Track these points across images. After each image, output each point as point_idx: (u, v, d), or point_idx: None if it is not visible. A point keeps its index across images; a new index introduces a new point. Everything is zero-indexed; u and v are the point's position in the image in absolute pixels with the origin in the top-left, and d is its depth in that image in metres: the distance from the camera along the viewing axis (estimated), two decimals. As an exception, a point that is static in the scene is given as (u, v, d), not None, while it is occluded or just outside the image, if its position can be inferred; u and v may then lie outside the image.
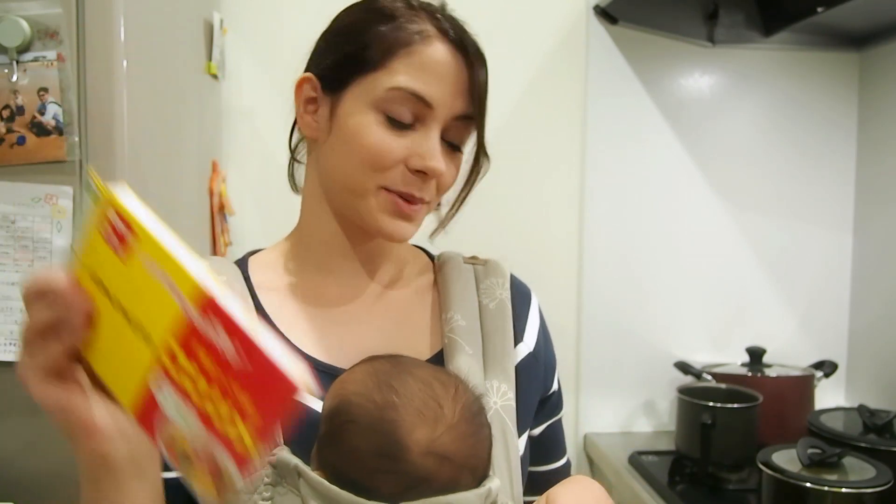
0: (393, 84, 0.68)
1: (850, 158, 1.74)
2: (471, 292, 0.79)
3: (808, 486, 1.10)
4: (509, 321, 0.78)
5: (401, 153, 0.68)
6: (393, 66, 0.68)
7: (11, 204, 1.00)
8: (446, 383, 0.63)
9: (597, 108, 1.65)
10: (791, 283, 1.75)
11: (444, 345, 0.74)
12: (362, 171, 0.69)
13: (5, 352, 0.99)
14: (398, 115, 0.68)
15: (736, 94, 1.71)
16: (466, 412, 0.61)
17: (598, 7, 1.61)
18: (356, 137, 0.69)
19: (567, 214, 1.68)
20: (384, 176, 0.69)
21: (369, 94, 0.69)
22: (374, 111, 0.68)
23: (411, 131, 0.69)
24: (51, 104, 0.98)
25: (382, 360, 0.66)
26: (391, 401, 0.59)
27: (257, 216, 1.59)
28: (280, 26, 1.56)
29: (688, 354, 1.69)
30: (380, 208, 0.70)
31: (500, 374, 0.73)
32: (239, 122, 1.57)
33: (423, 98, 0.68)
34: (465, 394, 0.63)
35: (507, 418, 0.71)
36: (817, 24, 1.54)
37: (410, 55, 0.68)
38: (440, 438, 0.59)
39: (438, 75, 0.69)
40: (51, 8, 0.98)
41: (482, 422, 0.64)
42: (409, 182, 0.69)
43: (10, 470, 1.01)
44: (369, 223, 0.71)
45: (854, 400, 1.67)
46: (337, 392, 0.63)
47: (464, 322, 0.75)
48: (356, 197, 0.70)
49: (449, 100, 0.69)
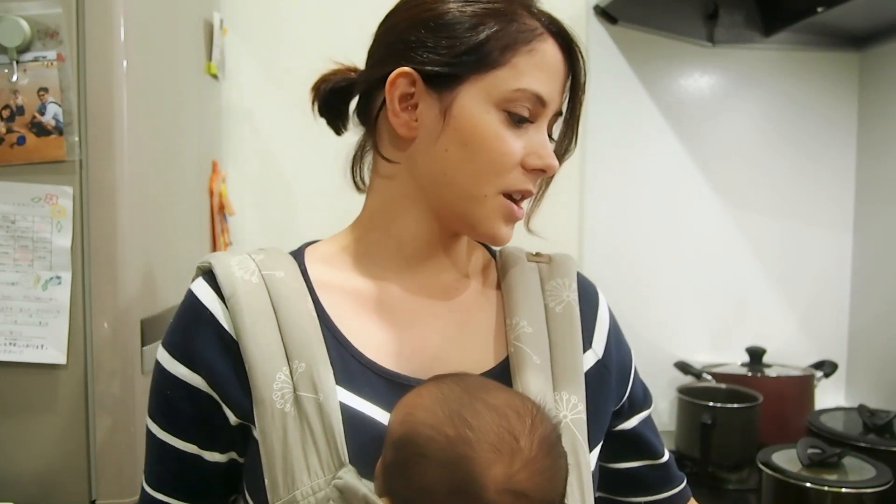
0: (520, 85, 0.66)
1: (850, 158, 1.74)
2: (536, 295, 0.74)
3: (808, 486, 1.10)
4: (578, 327, 0.74)
5: (520, 153, 0.67)
6: (515, 63, 0.66)
7: (11, 204, 1.00)
8: (522, 413, 0.59)
9: (597, 108, 1.65)
10: (791, 283, 1.75)
11: (510, 353, 0.70)
12: (485, 174, 0.67)
13: (5, 352, 0.99)
14: (521, 115, 0.67)
15: (736, 94, 1.71)
16: (544, 444, 0.58)
17: (598, 7, 1.61)
18: (478, 139, 0.66)
19: (567, 214, 1.69)
20: (506, 180, 0.67)
21: (492, 93, 0.66)
22: (496, 110, 0.66)
23: (523, 130, 0.68)
24: (51, 104, 0.98)
25: (451, 382, 0.62)
26: (465, 435, 0.56)
27: (257, 216, 1.59)
28: (280, 26, 1.56)
29: (688, 354, 1.69)
30: (496, 214, 0.68)
31: (569, 386, 0.70)
32: (239, 122, 1.57)
33: (543, 99, 0.67)
34: (543, 424, 0.60)
35: (578, 432, 0.68)
36: (817, 24, 1.55)
37: (532, 54, 0.67)
38: (517, 475, 0.56)
39: (553, 74, 0.68)
40: (51, 8, 0.98)
41: (559, 452, 0.61)
42: (526, 181, 0.68)
43: (10, 470, 1.01)
44: (482, 228, 0.69)
45: (854, 400, 1.67)
46: (404, 419, 0.60)
47: (530, 329, 0.71)
48: (473, 201, 0.68)
49: (557, 98, 0.69)
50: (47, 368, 0.99)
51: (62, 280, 1.00)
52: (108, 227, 1.01)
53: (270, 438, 0.62)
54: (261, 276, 0.68)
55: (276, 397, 0.63)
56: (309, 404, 0.62)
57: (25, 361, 0.99)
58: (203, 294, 0.68)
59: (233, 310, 0.65)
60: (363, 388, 0.66)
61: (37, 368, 0.99)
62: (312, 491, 0.60)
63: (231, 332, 0.66)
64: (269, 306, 0.66)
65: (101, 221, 1.01)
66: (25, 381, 0.99)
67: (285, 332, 0.65)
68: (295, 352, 0.64)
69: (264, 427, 0.62)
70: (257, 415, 0.63)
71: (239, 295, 0.66)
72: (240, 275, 0.67)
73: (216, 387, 0.66)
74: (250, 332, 0.64)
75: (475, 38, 0.66)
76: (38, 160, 0.99)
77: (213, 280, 0.68)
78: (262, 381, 0.63)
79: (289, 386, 0.63)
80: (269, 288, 0.67)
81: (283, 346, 0.65)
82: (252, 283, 0.67)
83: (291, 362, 0.64)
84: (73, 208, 1.00)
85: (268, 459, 0.62)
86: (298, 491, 0.60)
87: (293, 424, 0.62)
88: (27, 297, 0.99)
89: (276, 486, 0.61)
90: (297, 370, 0.63)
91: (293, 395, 0.63)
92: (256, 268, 0.68)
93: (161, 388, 0.68)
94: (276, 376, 0.63)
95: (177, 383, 0.67)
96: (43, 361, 0.99)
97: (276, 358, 0.64)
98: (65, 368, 1.00)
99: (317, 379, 0.63)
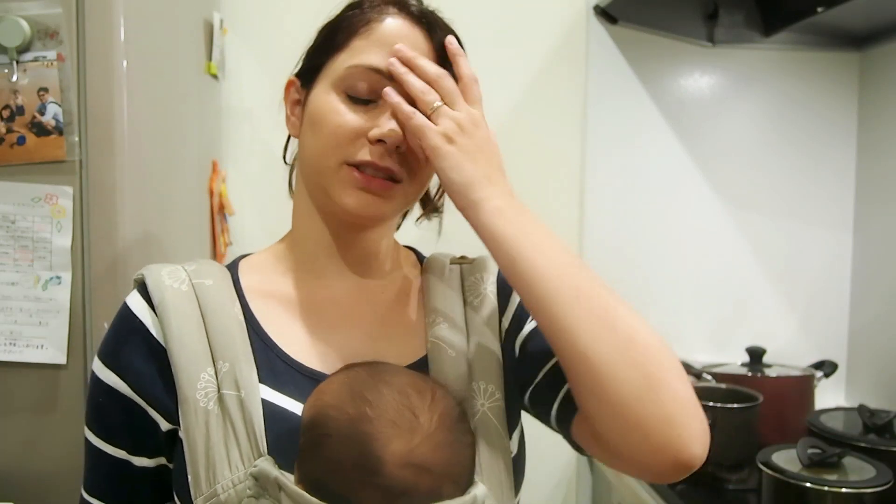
0: (352, 62, 0.69)
1: (850, 158, 1.74)
2: (455, 292, 0.77)
3: (808, 486, 1.10)
4: (495, 316, 0.76)
5: (359, 125, 0.68)
6: (353, 45, 0.70)
7: (11, 204, 1.00)
8: (422, 391, 0.61)
9: (597, 108, 1.65)
10: (791, 283, 1.75)
11: (427, 349, 0.72)
12: (326, 147, 0.69)
13: (5, 352, 0.99)
14: (357, 91, 0.69)
15: (736, 94, 1.71)
16: (445, 420, 0.60)
17: (598, 7, 1.61)
18: (318, 117, 0.70)
19: (567, 214, 1.69)
20: (345, 151, 0.68)
21: (331, 76, 0.70)
22: (335, 91, 0.70)
23: (373, 106, 0.69)
24: (51, 104, 0.98)
25: (360, 368, 0.65)
26: (365, 413, 0.58)
27: (257, 216, 1.59)
28: (280, 26, 1.56)
29: (688, 354, 1.69)
30: (343, 184, 0.69)
31: (486, 375, 0.71)
32: (239, 122, 1.57)
33: (381, 70, 0.68)
34: (444, 400, 0.62)
35: (496, 420, 0.69)
36: (817, 24, 1.54)
37: (369, 32, 0.70)
38: (417, 449, 0.57)
39: (393, 45, 0.69)
40: (51, 8, 0.98)
41: (463, 428, 0.63)
42: (372, 152, 0.68)
43: (10, 470, 1.01)
44: (337, 199, 0.70)
45: (854, 400, 1.67)
46: (314, 403, 0.62)
47: (447, 324, 0.73)
48: (323, 178, 0.70)
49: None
50: (47, 368, 1.00)
51: (62, 280, 1.00)
52: (108, 227, 1.01)
53: (194, 436, 0.64)
54: (191, 284, 0.71)
55: (200, 396, 0.65)
56: (231, 401, 0.64)
57: (25, 361, 0.99)
58: (135, 305, 0.71)
59: (161, 316, 0.68)
60: (286, 385, 0.68)
61: (37, 368, 0.99)
62: (233, 484, 0.62)
63: (160, 339, 0.68)
64: (197, 312, 0.69)
65: (101, 221, 1.01)
66: (25, 381, 1.00)
67: (211, 336, 0.67)
68: (220, 353, 0.67)
69: (188, 426, 0.64)
70: (182, 413, 0.65)
71: (167, 302, 0.68)
72: (169, 283, 0.70)
73: (142, 392, 0.68)
74: (176, 336, 0.67)
75: (327, 34, 0.73)
76: (38, 160, 0.99)
77: (145, 291, 0.71)
78: (187, 381, 0.65)
79: (213, 385, 0.65)
80: (198, 295, 0.70)
81: (210, 348, 0.67)
82: (181, 290, 0.70)
83: (216, 363, 0.66)
84: (73, 208, 1.00)
85: (191, 456, 0.64)
86: (219, 484, 0.62)
87: (216, 421, 0.64)
88: (27, 297, 1.00)
89: (198, 482, 0.63)
90: (222, 370, 0.66)
91: (217, 394, 0.65)
92: (187, 277, 0.71)
93: (94, 396, 0.70)
94: (200, 376, 0.65)
95: (107, 390, 0.69)
96: (43, 361, 0.99)
97: (200, 359, 0.66)
98: (65, 368, 1.00)
99: (239, 377, 0.65)
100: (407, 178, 0.71)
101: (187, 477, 0.64)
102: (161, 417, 0.67)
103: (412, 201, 0.76)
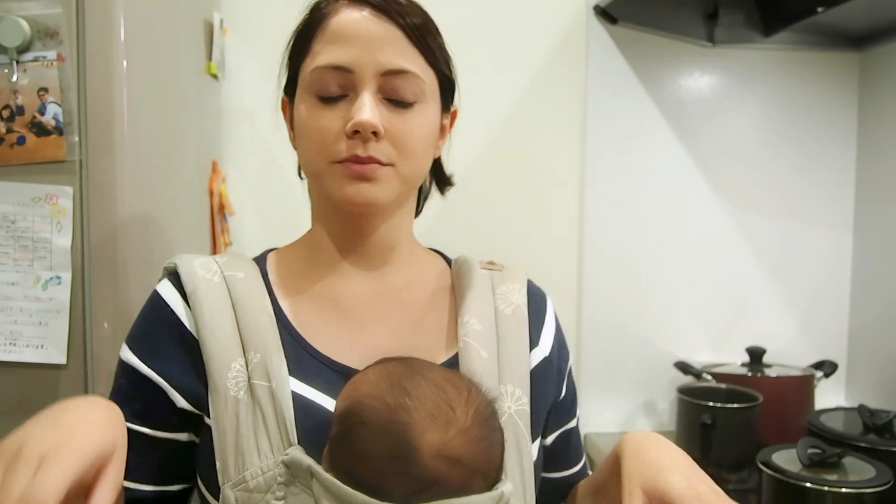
0: (314, 65, 0.71)
1: (850, 158, 1.74)
2: (487, 297, 0.78)
3: (808, 486, 1.10)
4: (525, 326, 0.77)
5: (335, 124, 0.69)
6: (313, 49, 0.72)
7: (11, 204, 1.00)
8: (459, 387, 0.63)
9: (597, 109, 1.65)
10: (791, 283, 1.75)
11: (459, 348, 0.73)
12: (314, 152, 0.71)
13: (5, 352, 0.99)
14: (328, 91, 0.70)
15: (736, 94, 1.71)
16: (479, 416, 0.61)
17: (598, 7, 1.61)
18: (301, 126, 0.72)
19: (567, 214, 1.68)
20: (329, 151, 0.70)
21: (303, 83, 0.73)
22: (309, 97, 0.71)
23: (344, 102, 0.70)
24: (51, 104, 0.98)
25: (396, 361, 0.66)
26: (403, 403, 0.59)
27: (257, 216, 1.59)
28: (280, 26, 1.55)
29: (688, 354, 1.69)
30: (335, 181, 0.71)
31: (514, 379, 0.73)
32: (239, 122, 1.57)
33: (341, 66, 0.69)
34: (478, 397, 0.63)
35: (521, 423, 0.71)
36: (817, 24, 1.55)
37: (324, 32, 0.71)
38: (452, 442, 0.58)
39: (349, 39, 0.70)
40: (51, 8, 0.98)
41: (494, 426, 0.64)
42: (352, 146, 0.69)
43: (10, 470, 1.00)
44: (336, 198, 0.71)
45: (854, 400, 1.67)
46: (349, 393, 0.63)
47: (479, 326, 0.74)
48: (319, 180, 0.73)
49: (368, 58, 0.69)
50: (47, 368, 0.99)
51: (62, 280, 1.00)
52: (108, 227, 1.01)
53: (223, 424, 0.65)
54: (222, 276, 0.72)
55: (231, 385, 0.66)
56: (262, 391, 0.65)
57: (25, 361, 0.99)
58: (167, 294, 0.72)
59: (193, 306, 0.69)
60: (315, 378, 0.69)
61: (37, 368, 0.99)
62: (262, 471, 0.63)
63: (192, 329, 0.69)
64: (228, 303, 0.70)
65: (101, 221, 1.01)
66: (25, 381, 0.99)
67: (242, 327, 0.69)
68: (251, 344, 0.68)
69: (218, 414, 0.66)
70: (212, 402, 0.66)
71: (200, 292, 0.70)
72: (202, 274, 0.72)
73: (171, 380, 0.69)
74: (209, 326, 0.68)
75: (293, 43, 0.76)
76: (38, 160, 0.99)
77: (177, 280, 0.72)
78: (218, 370, 0.67)
79: (243, 375, 0.66)
80: (229, 287, 0.71)
81: (241, 339, 0.68)
82: (213, 281, 0.71)
83: (247, 354, 0.67)
84: (73, 208, 1.00)
85: (220, 444, 0.65)
86: (248, 471, 0.63)
87: (246, 410, 0.65)
88: (27, 297, 0.99)
89: (226, 469, 0.64)
90: (252, 360, 0.67)
91: (247, 384, 0.66)
92: (219, 269, 0.73)
93: (118, 379, 0.72)
94: (230, 366, 0.67)
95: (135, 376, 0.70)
96: (43, 361, 0.99)
97: (232, 349, 0.67)
98: (65, 368, 1.00)
99: (270, 368, 0.66)
100: (398, 159, 0.71)
101: (215, 463, 0.65)
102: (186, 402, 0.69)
103: (413, 182, 0.76)
